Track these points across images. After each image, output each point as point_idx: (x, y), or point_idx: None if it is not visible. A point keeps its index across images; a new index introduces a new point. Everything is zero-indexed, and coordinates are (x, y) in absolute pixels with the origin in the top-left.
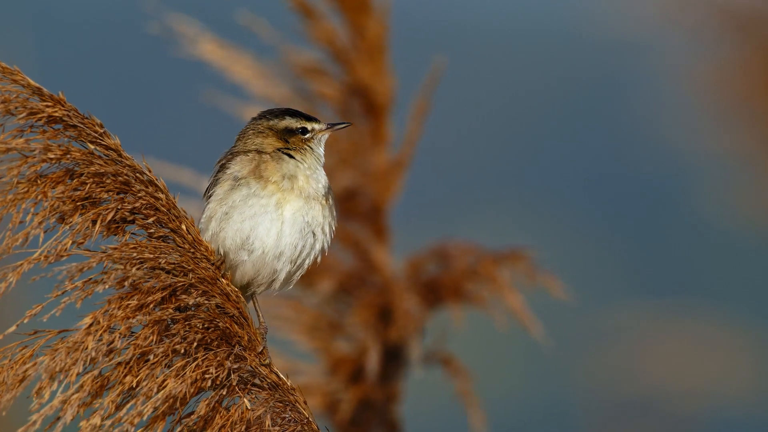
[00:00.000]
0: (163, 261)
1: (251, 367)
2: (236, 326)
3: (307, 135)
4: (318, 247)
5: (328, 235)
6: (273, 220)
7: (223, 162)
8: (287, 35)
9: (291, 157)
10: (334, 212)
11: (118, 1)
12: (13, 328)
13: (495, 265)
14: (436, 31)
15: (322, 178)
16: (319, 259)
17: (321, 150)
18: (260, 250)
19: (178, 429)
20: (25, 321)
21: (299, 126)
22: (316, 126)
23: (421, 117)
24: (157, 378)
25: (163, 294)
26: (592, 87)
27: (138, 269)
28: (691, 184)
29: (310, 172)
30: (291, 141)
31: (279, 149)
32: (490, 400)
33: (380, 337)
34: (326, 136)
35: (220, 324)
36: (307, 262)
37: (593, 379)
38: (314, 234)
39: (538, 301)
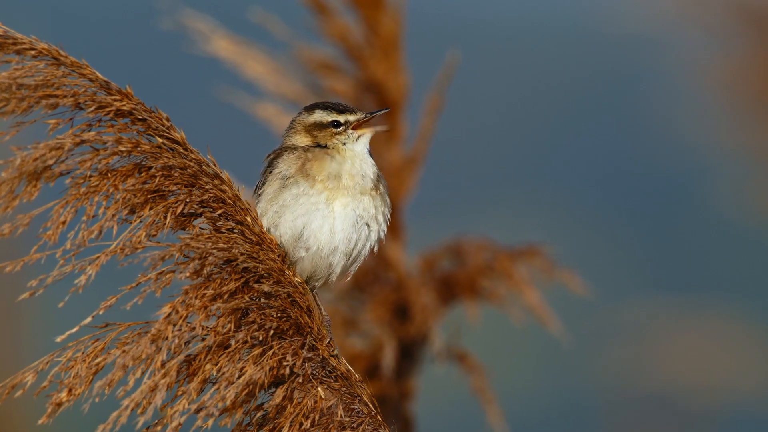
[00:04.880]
0: (236, 251)
1: (322, 357)
2: (306, 317)
3: (340, 128)
4: (373, 237)
5: (382, 224)
6: (325, 216)
7: (272, 159)
8: (300, 32)
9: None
10: (387, 200)
11: None
12: (89, 319)
13: (511, 261)
14: (450, 27)
15: (369, 170)
16: (375, 249)
17: (357, 143)
18: (315, 246)
19: (256, 415)
20: (101, 312)
21: (330, 119)
22: (351, 117)
23: (435, 113)
24: (237, 364)
25: (237, 284)
26: (608, 83)
27: (213, 259)
28: (707, 180)
29: (356, 169)
30: (320, 136)
31: (318, 145)
32: (505, 396)
33: (395, 333)
34: (367, 131)
35: (291, 314)
36: (363, 253)
37: (608, 374)
38: (368, 225)
39: (552, 297)
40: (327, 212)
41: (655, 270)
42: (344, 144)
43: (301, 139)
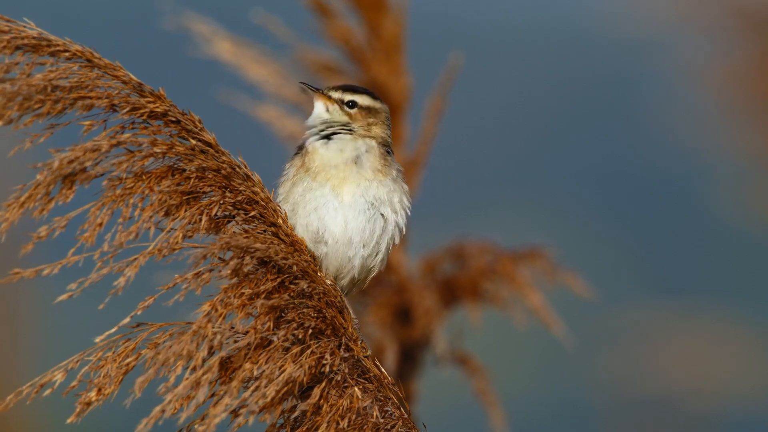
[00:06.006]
0: (272, 251)
1: (357, 357)
2: (341, 317)
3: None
4: (391, 227)
5: (399, 212)
6: (336, 208)
7: (286, 161)
8: (303, 34)
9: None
10: (404, 186)
11: (134, 1)
12: (127, 320)
13: (513, 263)
14: (451, 30)
15: (363, 153)
16: (397, 240)
17: (310, 119)
18: (331, 239)
19: (294, 414)
20: (139, 313)
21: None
22: (315, 96)
23: (437, 116)
24: (277, 362)
25: (273, 284)
26: (607, 86)
27: (251, 258)
28: (705, 182)
29: (343, 156)
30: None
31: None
32: (507, 398)
33: (397, 336)
34: (316, 100)
35: (327, 314)
36: (383, 244)
37: (608, 377)
38: (382, 214)
39: (552, 300)
40: (337, 203)
41: (656, 273)
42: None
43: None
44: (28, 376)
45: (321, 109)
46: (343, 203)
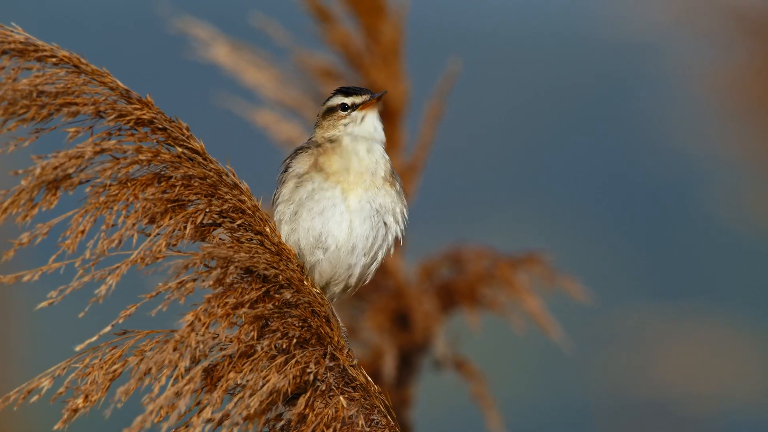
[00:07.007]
0: (256, 260)
1: (343, 366)
2: (326, 327)
3: (347, 111)
4: (391, 237)
5: (400, 223)
6: (342, 212)
7: (287, 161)
8: (301, 38)
9: (335, 141)
10: (404, 199)
11: (132, 5)
12: (108, 328)
13: (511, 268)
14: (450, 36)
15: (381, 160)
16: (392, 251)
17: (363, 123)
18: (333, 245)
19: (279, 424)
20: (120, 321)
21: (339, 102)
22: (357, 100)
23: (435, 121)
24: (261, 372)
25: (258, 293)
26: (605, 90)
27: (235, 267)
28: (703, 187)
29: (364, 162)
30: (328, 124)
31: (330, 137)
32: (504, 402)
33: (395, 341)
34: (371, 110)
35: (312, 323)
36: (380, 253)
37: (606, 381)
38: (385, 223)
39: (550, 304)
40: (344, 207)
41: (653, 277)
42: (346, 126)
43: (318, 133)
44: (17, 381)
45: (378, 121)
46: (350, 208)
